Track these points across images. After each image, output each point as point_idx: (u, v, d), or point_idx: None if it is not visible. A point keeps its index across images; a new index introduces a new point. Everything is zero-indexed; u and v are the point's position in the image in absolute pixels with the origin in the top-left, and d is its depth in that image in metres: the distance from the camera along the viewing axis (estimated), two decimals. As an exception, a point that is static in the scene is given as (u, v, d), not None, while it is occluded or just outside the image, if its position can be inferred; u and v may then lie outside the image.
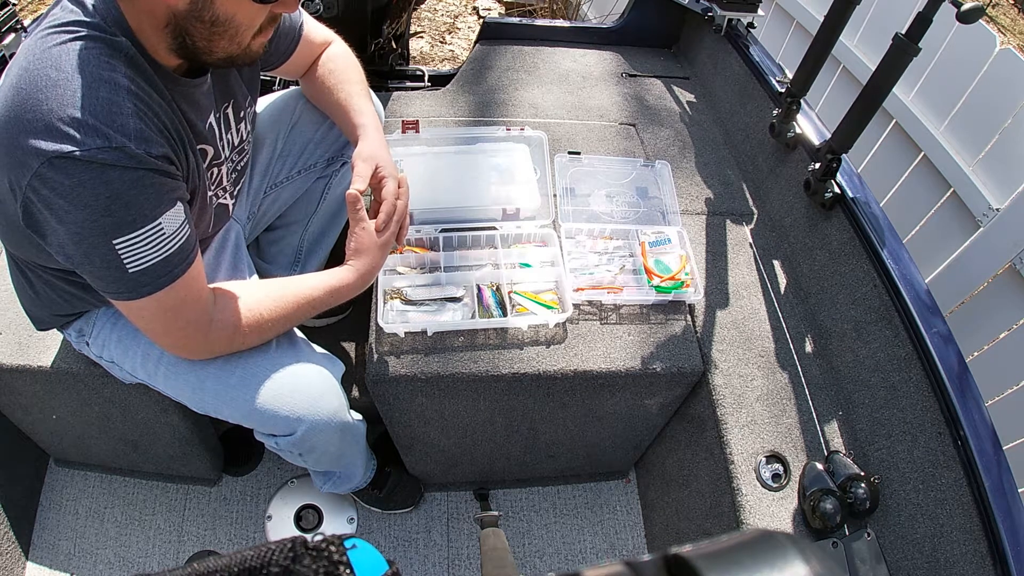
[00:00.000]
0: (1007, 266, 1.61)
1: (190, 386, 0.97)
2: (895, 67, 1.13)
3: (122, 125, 0.70)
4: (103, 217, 0.71)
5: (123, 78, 0.72)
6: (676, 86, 1.88)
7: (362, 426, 1.22)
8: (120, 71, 0.72)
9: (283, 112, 1.19)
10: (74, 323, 1.03)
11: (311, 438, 1.00)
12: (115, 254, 0.73)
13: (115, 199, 0.71)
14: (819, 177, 1.31)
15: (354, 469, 1.29)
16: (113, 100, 0.70)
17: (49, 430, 1.37)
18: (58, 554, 1.40)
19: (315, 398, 0.98)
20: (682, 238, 1.32)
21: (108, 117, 0.69)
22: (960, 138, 1.77)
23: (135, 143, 0.71)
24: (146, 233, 0.74)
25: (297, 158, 1.20)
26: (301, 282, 0.95)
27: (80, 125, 0.68)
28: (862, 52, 2.09)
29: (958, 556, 0.93)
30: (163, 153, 0.74)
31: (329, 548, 0.27)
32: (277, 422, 0.96)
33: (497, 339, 1.15)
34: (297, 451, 1.03)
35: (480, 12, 3.71)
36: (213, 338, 0.89)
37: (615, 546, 1.51)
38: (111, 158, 0.69)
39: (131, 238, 0.73)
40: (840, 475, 1.06)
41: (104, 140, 0.69)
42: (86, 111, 0.69)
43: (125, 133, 0.70)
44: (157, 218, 0.74)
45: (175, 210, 0.77)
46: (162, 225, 0.75)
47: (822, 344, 1.27)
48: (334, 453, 1.13)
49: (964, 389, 1.01)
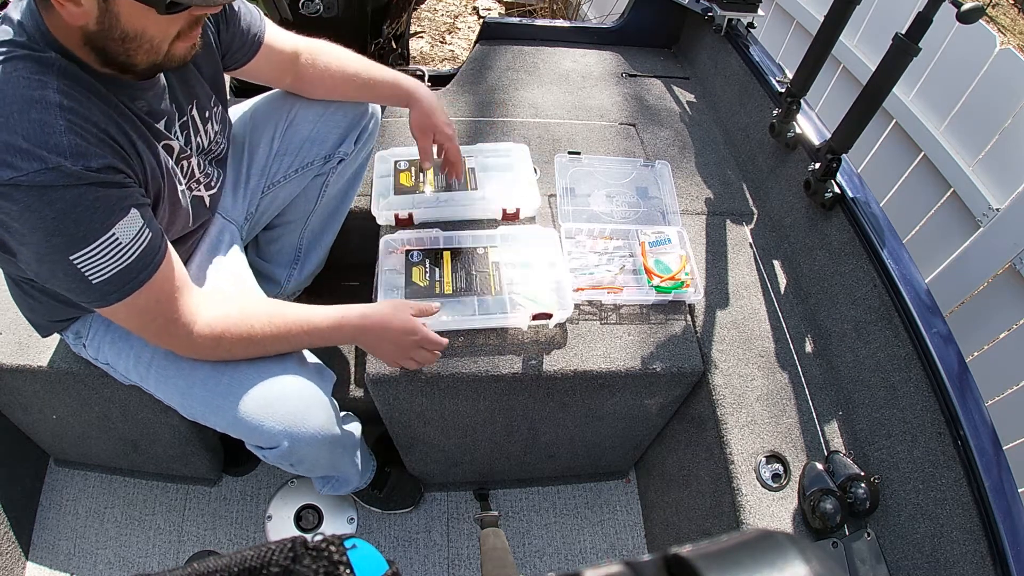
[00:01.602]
0: (1007, 266, 1.61)
1: (179, 391, 0.96)
2: (895, 67, 1.13)
3: (56, 144, 0.70)
4: (54, 236, 0.72)
5: (54, 94, 0.71)
6: (676, 86, 1.88)
7: (355, 434, 1.21)
8: (51, 86, 0.71)
9: (279, 111, 1.19)
10: (71, 326, 1.03)
11: (298, 451, 0.98)
12: (75, 269, 0.74)
13: (62, 218, 0.71)
14: (819, 177, 1.31)
15: (350, 474, 1.29)
16: (44, 120, 0.70)
17: (49, 430, 1.37)
18: (58, 554, 1.40)
19: (301, 413, 0.96)
20: (682, 238, 1.32)
21: (41, 138, 0.69)
22: (960, 138, 1.77)
23: (71, 160, 0.70)
24: (101, 246, 0.74)
25: (294, 156, 1.20)
26: (304, 308, 0.95)
27: (14, 151, 0.68)
28: (862, 52, 2.09)
29: (958, 556, 0.93)
30: (104, 164, 0.73)
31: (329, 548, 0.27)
32: (262, 434, 0.95)
33: (497, 339, 1.15)
34: (287, 462, 1.02)
35: (480, 12, 3.71)
36: (197, 339, 0.88)
37: (615, 546, 1.51)
38: (49, 179, 0.69)
39: (87, 252, 0.73)
40: (840, 475, 1.06)
41: (40, 162, 0.69)
42: (18, 135, 0.68)
43: (60, 152, 0.70)
44: (109, 229, 0.74)
45: (129, 218, 0.76)
46: (116, 236, 0.75)
47: (822, 344, 1.27)
48: (325, 464, 1.12)
49: (964, 389, 1.01)
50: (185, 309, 0.86)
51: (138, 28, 0.72)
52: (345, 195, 1.34)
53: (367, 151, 1.31)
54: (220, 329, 0.88)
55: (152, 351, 0.97)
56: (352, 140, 1.23)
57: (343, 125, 1.21)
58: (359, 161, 1.30)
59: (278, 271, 1.36)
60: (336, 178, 1.27)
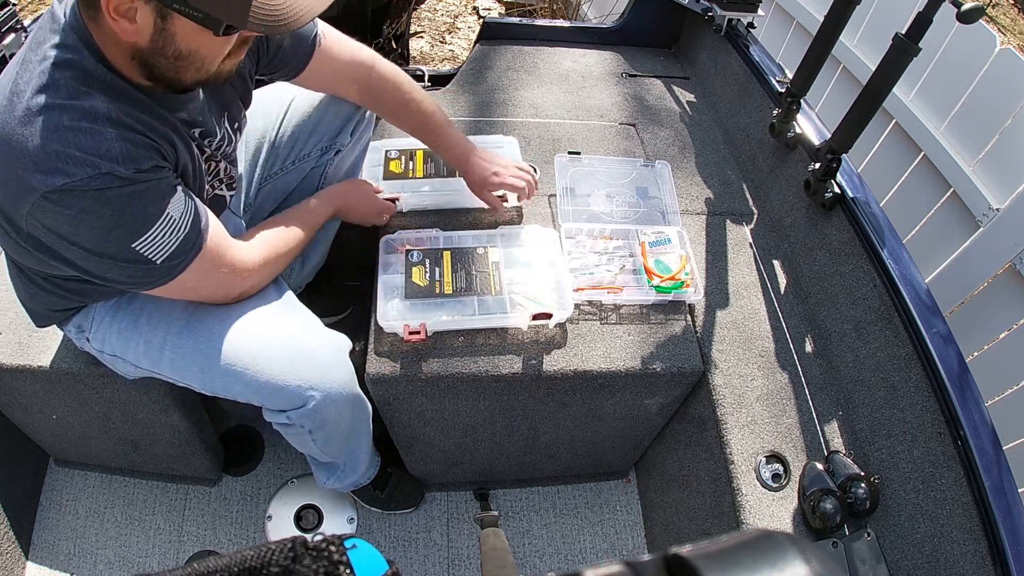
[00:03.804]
0: (1007, 266, 1.61)
1: (198, 366, 0.97)
2: (895, 67, 1.13)
3: (107, 151, 0.72)
4: (114, 230, 0.75)
5: (101, 104, 0.73)
6: (676, 86, 1.88)
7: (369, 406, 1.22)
8: (97, 98, 0.73)
9: (276, 103, 1.19)
10: (73, 319, 1.03)
11: (323, 409, 1.01)
12: (138, 255, 0.78)
13: (120, 213, 0.74)
14: (819, 177, 1.31)
15: (359, 457, 1.28)
16: (95, 129, 0.72)
17: (49, 430, 1.37)
18: (58, 554, 1.40)
19: (325, 368, 1.00)
20: (682, 238, 1.32)
21: (92, 146, 0.71)
22: (960, 138, 1.77)
23: (123, 165, 0.73)
24: (159, 227, 0.78)
25: (292, 148, 1.21)
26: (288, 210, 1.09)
27: (66, 158, 0.71)
28: (862, 52, 2.09)
29: (958, 556, 0.93)
30: (152, 164, 0.77)
31: (329, 548, 0.27)
32: (288, 394, 0.97)
33: (497, 339, 1.15)
34: (308, 426, 1.04)
35: (480, 12, 3.71)
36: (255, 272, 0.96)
37: (615, 546, 1.51)
38: (103, 183, 0.72)
39: (148, 237, 0.78)
40: (840, 475, 1.06)
41: (93, 168, 0.71)
42: (71, 144, 0.71)
43: (112, 158, 0.72)
44: (164, 212, 0.78)
45: (176, 196, 0.81)
46: (170, 214, 0.79)
47: (822, 344, 1.27)
48: (344, 430, 1.13)
49: (964, 389, 1.01)
50: (237, 253, 0.93)
51: (192, 48, 0.74)
52: None
53: (364, 142, 1.32)
54: (264, 253, 0.98)
55: (164, 333, 0.97)
56: (349, 131, 1.24)
57: (340, 116, 1.22)
58: (356, 152, 1.31)
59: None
60: (334, 170, 1.27)
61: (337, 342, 1.04)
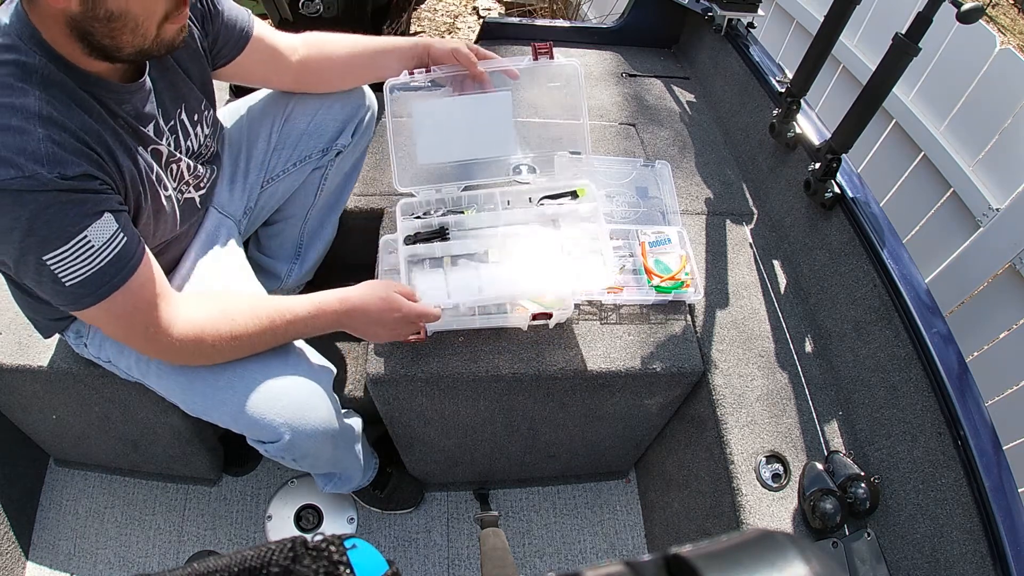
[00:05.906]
0: (1007, 266, 1.61)
1: (180, 387, 0.97)
2: (895, 67, 1.13)
3: (33, 152, 0.71)
4: (28, 237, 0.73)
5: (35, 102, 0.72)
6: (676, 86, 1.88)
7: (356, 427, 1.21)
8: (32, 95, 0.72)
9: (275, 105, 1.19)
10: (72, 325, 1.03)
11: (300, 445, 0.99)
12: (49, 270, 0.75)
13: (35, 219, 0.72)
14: (819, 177, 1.31)
15: (353, 470, 1.29)
16: (23, 128, 0.71)
17: (49, 430, 1.37)
18: (58, 554, 1.40)
19: (302, 406, 0.97)
20: (682, 238, 1.32)
21: (18, 147, 0.70)
22: (960, 138, 1.77)
23: (47, 168, 0.71)
24: (73, 248, 0.75)
25: (292, 150, 1.21)
26: (284, 299, 0.96)
27: None
28: (862, 52, 2.09)
29: (958, 556, 0.93)
30: (80, 172, 0.74)
31: (329, 548, 0.27)
32: (263, 428, 0.95)
33: (497, 339, 1.15)
34: (289, 457, 1.03)
35: (480, 12, 3.71)
36: (179, 342, 0.87)
37: (615, 546, 1.51)
38: (25, 185, 0.70)
39: (59, 254, 0.74)
40: (840, 475, 1.06)
41: (16, 170, 0.70)
42: None
43: (37, 160, 0.71)
44: (81, 232, 0.75)
45: (102, 222, 0.76)
46: (88, 238, 0.75)
47: (822, 344, 1.27)
48: (327, 458, 1.12)
49: (964, 389, 1.01)
50: (164, 315, 0.85)
51: (122, 6, 0.72)
52: (343, 188, 1.34)
53: (365, 143, 1.31)
54: (200, 329, 0.88)
55: None
56: (350, 132, 1.24)
57: (340, 117, 1.22)
58: (357, 153, 1.30)
59: (279, 266, 1.36)
60: (335, 171, 1.27)
61: (317, 378, 1.01)
